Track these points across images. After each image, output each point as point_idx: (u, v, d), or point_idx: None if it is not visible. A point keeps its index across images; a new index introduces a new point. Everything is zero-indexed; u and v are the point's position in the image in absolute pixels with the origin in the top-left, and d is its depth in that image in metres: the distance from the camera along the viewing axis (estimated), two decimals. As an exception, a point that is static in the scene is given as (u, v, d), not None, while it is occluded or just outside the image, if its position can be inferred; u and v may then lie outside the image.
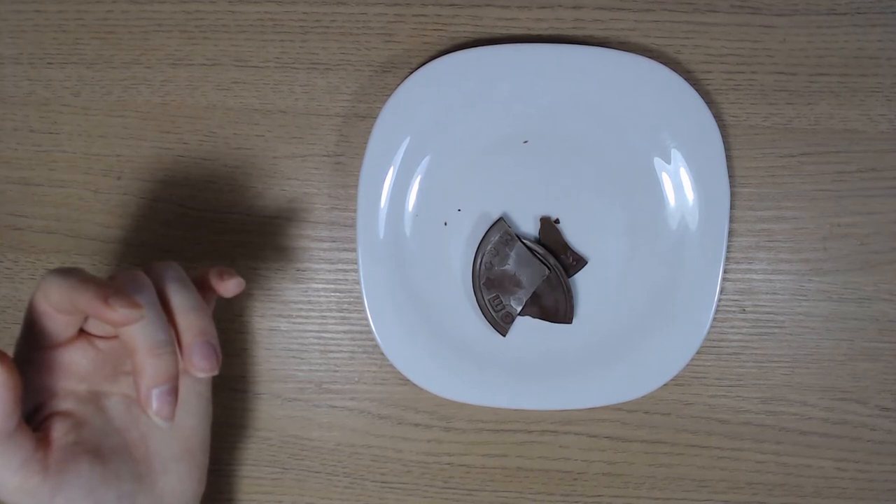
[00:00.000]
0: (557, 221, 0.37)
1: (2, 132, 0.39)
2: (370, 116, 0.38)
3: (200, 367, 0.28)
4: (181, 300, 0.29)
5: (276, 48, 0.38)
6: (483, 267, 0.37)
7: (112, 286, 0.26)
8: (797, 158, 0.38)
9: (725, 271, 0.38)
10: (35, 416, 0.29)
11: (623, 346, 0.37)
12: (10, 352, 0.28)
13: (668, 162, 0.37)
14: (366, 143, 0.36)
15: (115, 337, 0.30)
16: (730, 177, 0.37)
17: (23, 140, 0.39)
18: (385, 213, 0.37)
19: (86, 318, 0.29)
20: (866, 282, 0.38)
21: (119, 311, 0.25)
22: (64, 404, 0.29)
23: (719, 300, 0.37)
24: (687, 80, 0.36)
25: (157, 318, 0.27)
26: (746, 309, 0.38)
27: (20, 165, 0.39)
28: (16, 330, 0.40)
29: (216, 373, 0.28)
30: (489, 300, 0.37)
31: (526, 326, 0.38)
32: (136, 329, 0.26)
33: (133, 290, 0.27)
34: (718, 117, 0.37)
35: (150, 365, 0.26)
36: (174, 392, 0.27)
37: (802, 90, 0.37)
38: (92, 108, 0.39)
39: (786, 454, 0.39)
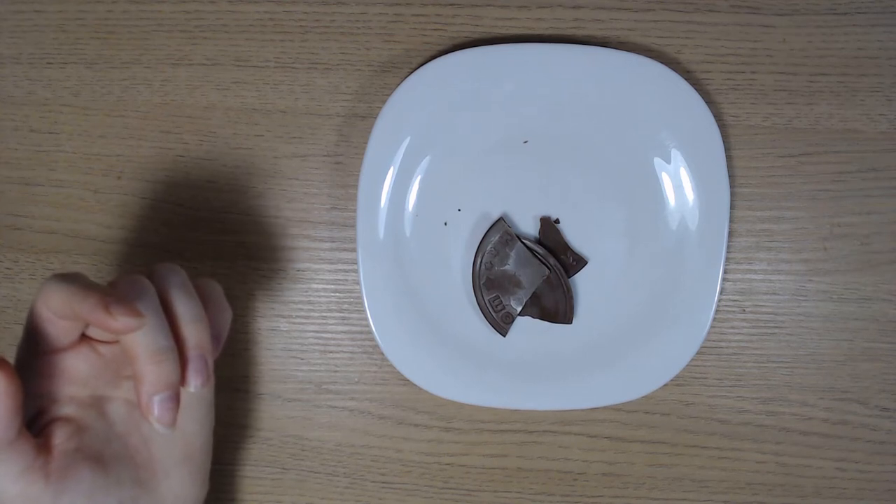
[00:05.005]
0: (557, 221, 0.37)
1: (2, 132, 0.39)
2: (370, 116, 0.38)
3: (191, 381, 0.27)
4: (184, 310, 0.28)
5: (276, 48, 0.38)
6: (483, 267, 0.37)
7: (113, 294, 0.25)
8: (797, 158, 0.38)
9: (725, 271, 0.38)
10: (36, 422, 0.28)
11: (623, 346, 0.37)
12: (11, 356, 0.28)
13: (668, 162, 0.37)
14: (366, 143, 0.36)
15: (117, 341, 0.30)
16: (730, 177, 0.37)
17: (23, 140, 0.39)
18: (385, 213, 0.37)
19: (87, 324, 0.29)
20: (866, 282, 0.38)
21: (120, 320, 0.25)
22: (65, 410, 0.29)
23: (719, 300, 0.37)
24: (687, 80, 0.36)
25: (158, 324, 0.27)
26: (746, 309, 0.38)
27: (20, 165, 0.39)
28: (16, 330, 0.40)
29: (204, 388, 0.28)
30: (489, 300, 0.37)
31: (526, 326, 0.38)
32: (137, 336, 0.26)
33: (135, 297, 0.27)
34: (718, 117, 0.37)
35: (151, 372, 0.26)
36: (175, 398, 0.26)
37: (802, 90, 0.37)
38: (92, 108, 0.39)
39: (786, 454, 0.39)
